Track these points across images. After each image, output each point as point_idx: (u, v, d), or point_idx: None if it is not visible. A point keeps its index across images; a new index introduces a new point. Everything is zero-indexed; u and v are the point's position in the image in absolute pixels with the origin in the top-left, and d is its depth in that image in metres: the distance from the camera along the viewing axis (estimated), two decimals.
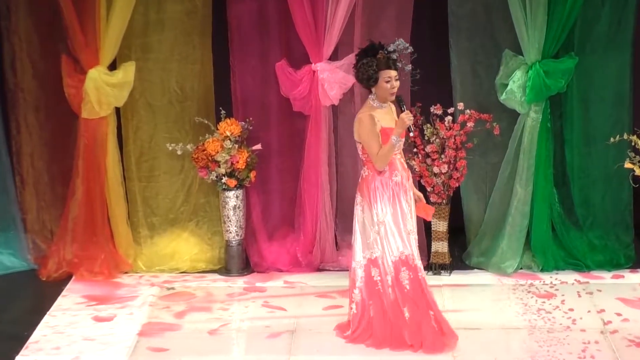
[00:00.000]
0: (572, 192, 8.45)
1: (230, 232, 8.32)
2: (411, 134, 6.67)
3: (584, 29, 8.21)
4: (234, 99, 8.43)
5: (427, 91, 8.25)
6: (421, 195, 7.01)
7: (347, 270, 8.19)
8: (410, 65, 6.81)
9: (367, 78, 6.70)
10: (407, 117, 6.58)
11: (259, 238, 8.52)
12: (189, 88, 8.43)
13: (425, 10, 8.48)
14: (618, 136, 7.87)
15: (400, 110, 6.68)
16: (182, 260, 8.45)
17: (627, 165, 7.95)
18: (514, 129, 8.24)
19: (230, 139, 8.12)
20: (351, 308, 6.93)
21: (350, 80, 8.15)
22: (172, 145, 8.26)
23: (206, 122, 8.30)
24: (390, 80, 6.66)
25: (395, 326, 6.76)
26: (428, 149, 8.11)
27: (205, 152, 8.13)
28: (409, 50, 6.76)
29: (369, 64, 6.66)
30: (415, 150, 8.19)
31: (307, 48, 8.18)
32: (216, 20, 8.37)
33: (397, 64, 6.78)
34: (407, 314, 6.73)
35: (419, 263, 6.77)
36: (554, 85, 8.05)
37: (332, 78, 8.12)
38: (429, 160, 8.12)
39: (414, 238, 6.80)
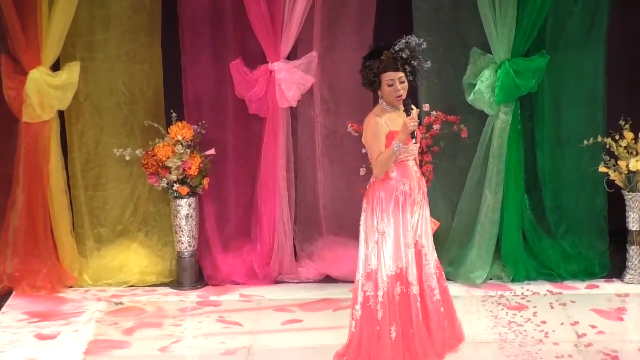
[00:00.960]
0: (544, 197, 8.45)
1: (183, 243, 8.27)
2: (413, 141, 6.54)
3: (556, 26, 8.22)
4: (186, 100, 8.39)
5: None
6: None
7: (307, 282, 8.34)
8: (429, 62, 6.68)
9: (368, 83, 6.57)
10: (410, 122, 6.43)
11: (213, 249, 8.47)
12: (138, 89, 8.38)
13: (388, 5, 8.47)
14: (592, 138, 7.97)
15: (407, 115, 6.57)
16: (131, 273, 8.39)
17: (602, 169, 8.11)
18: (482, 131, 8.24)
19: (182, 144, 8.08)
20: (350, 326, 6.77)
21: (309, 80, 8.16)
22: (120, 150, 8.21)
23: (156, 125, 8.26)
24: (392, 83, 6.49)
25: (380, 346, 6.64)
26: None
27: (155, 157, 8.08)
28: (423, 47, 6.60)
29: (370, 68, 6.51)
30: None
31: (263, 46, 8.15)
32: (165, 16, 8.33)
33: (412, 62, 6.56)
34: (393, 334, 6.64)
35: (411, 278, 6.63)
36: (524, 85, 8.06)
37: (290, 78, 8.10)
38: None
39: (411, 252, 6.64)
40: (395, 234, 6.60)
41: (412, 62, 6.56)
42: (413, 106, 6.53)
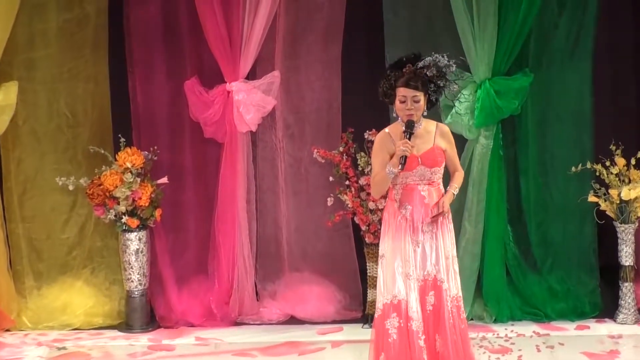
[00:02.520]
0: (528, 229, 8.42)
1: (132, 281, 8.19)
2: (399, 167, 6.36)
3: (540, 41, 8.21)
4: (135, 124, 8.37)
5: (360, 114, 8.22)
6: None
7: (269, 323, 8.40)
8: (458, 84, 6.64)
9: (382, 94, 6.57)
10: (401, 146, 6.36)
11: (166, 287, 8.38)
12: (82, 111, 8.35)
13: (357, 20, 8.47)
14: (580, 165, 7.92)
15: (404, 137, 6.44)
16: (75, 314, 8.31)
17: (591, 198, 8.06)
18: (460, 157, 8.01)
19: (131, 172, 8.03)
20: None
21: (270, 102, 8.11)
22: (63, 179, 8.15)
23: (102, 151, 8.22)
24: (405, 100, 6.43)
25: None
26: (362, 181, 8.00)
27: (101, 187, 8.02)
28: (452, 69, 6.51)
29: (388, 79, 6.52)
30: (347, 183, 8.09)
31: (221, 65, 8.12)
32: (113, 31, 8.34)
33: (438, 82, 6.49)
34: None
35: (411, 312, 6.47)
36: (506, 106, 8.00)
37: (249, 100, 8.07)
38: (363, 194, 8.01)
39: (414, 285, 6.49)
40: (393, 260, 6.49)
41: (439, 82, 6.52)
42: (417, 127, 6.40)
